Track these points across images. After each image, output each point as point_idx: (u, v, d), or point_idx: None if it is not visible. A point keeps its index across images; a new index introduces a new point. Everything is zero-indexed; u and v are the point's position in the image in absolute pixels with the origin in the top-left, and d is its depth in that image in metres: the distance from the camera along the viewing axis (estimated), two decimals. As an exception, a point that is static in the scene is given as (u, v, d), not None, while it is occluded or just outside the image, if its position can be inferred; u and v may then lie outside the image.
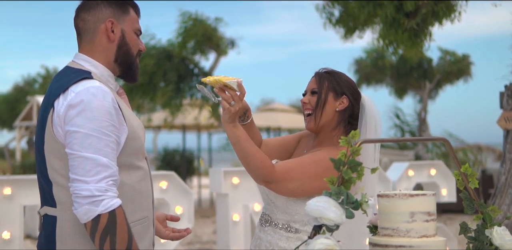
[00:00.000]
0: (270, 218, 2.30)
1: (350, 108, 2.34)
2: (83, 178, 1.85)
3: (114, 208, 1.84)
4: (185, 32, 11.78)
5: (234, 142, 2.16)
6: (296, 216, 2.25)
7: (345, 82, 2.36)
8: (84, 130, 1.87)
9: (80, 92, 1.90)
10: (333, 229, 2.16)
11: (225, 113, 2.14)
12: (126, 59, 2.10)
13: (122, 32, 2.07)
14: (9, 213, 4.05)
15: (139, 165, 2.06)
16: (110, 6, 2.07)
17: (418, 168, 5.77)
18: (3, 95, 25.82)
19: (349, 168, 2.12)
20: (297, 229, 2.25)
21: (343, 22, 7.91)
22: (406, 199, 2.14)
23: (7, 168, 22.39)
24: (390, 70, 16.19)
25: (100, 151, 1.87)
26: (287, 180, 2.17)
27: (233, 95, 2.12)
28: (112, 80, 2.10)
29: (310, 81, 2.39)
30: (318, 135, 2.38)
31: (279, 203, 2.27)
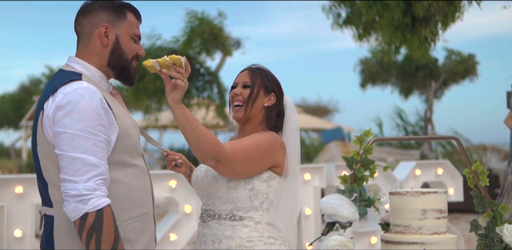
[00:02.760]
0: (213, 211, 2.33)
1: (277, 107, 2.43)
2: (72, 178, 1.88)
3: (102, 207, 1.87)
4: (191, 31, 11.80)
5: (185, 123, 2.13)
6: (238, 203, 2.28)
7: (274, 81, 2.46)
8: (71, 130, 1.90)
9: (68, 94, 1.94)
10: (346, 226, 2.19)
11: (178, 93, 2.10)
12: (119, 63, 2.12)
13: (116, 37, 2.10)
14: (21, 211, 4.08)
15: (133, 162, 2.09)
16: (106, 11, 2.10)
17: (425, 167, 5.78)
18: (9, 95, 25.88)
19: (361, 166, 2.16)
20: (241, 217, 2.28)
21: (350, 22, 7.91)
22: (418, 196, 2.17)
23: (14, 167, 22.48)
24: (395, 70, 16.17)
25: (88, 151, 1.90)
26: (234, 160, 2.21)
27: (183, 73, 2.10)
28: (104, 82, 2.13)
29: (242, 75, 2.46)
30: (244, 128, 2.45)
31: (220, 193, 2.30)
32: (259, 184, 2.27)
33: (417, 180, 5.68)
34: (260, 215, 2.27)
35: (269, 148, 2.27)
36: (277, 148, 2.30)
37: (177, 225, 4.67)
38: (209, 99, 12.37)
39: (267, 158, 2.26)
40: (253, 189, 2.26)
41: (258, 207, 2.27)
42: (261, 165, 2.26)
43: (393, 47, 7.22)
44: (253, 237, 2.24)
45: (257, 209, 2.27)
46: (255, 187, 2.26)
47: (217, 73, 12.54)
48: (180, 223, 4.67)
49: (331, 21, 8.11)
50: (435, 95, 16.88)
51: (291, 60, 77.91)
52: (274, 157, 2.28)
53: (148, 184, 2.17)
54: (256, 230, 2.25)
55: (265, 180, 2.28)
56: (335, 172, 5.16)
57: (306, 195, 5.13)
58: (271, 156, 2.27)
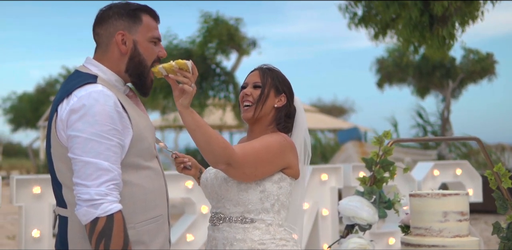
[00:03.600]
0: (223, 214, 2.31)
1: (287, 107, 2.41)
2: (84, 182, 1.88)
3: (112, 212, 1.86)
4: (207, 32, 11.81)
5: (194, 128, 2.09)
6: (249, 205, 2.26)
7: (285, 81, 2.43)
8: (85, 135, 1.89)
9: (82, 97, 1.93)
10: (365, 228, 2.16)
11: (186, 98, 2.07)
12: (137, 70, 2.10)
13: (134, 43, 2.08)
14: (38, 211, 4.10)
15: (147, 165, 2.08)
16: (121, 18, 2.08)
17: (443, 167, 5.72)
18: (27, 96, 26.11)
19: (381, 167, 2.13)
20: (252, 219, 2.26)
21: (367, 22, 7.87)
22: (439, 198, 2.13)
23: (32, 167, 22.69)
24: (412, 69, 16.06)
25: (101, 155, 1.89)
26: (245, 164, 2.18)
27: (190, 78, 2.07)
28: (120, 85, 2.11)
29: (252, 75, 2.44)
30: (253, 129, 2.42)
31: (231, 196, 2.28)
32: (270, 185, 2.24)
33: (435, 180, 5.63)
34: (272, 217, 2.25)
35: (279, 150, 2.24)
36: (287, 149, 2.28)
37: (193, 226, 4.67)
38: (225, 99, 12.37)
39: (278, 160, 2.24)
40: (264, 190, 2.24)
41: (269, 209, 2.24)
42: (272, 167, 2.24)
43: (412, 47, 7.16)
44: (265, 240, 2.21)
45: (268, 211, 2.24)
46: (266, 188, 2.24)
47: (233, 73, 12.54)
48: (196, 224, 4.67)
49: (347, 20, 8.09)
50: (453, 95, 16.74)
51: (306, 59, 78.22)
52: (285, 159, 2.26)
53: (163, 186, 2.16)
54: (267, 232, 2.23)
55: (276, 182, 2.25)
56: (352, 172, 5.13)
57: (323, 196, 5.10)
58: (281, 157, 2.25)
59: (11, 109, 26.77)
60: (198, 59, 11.90)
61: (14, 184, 4.04)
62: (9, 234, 9.07)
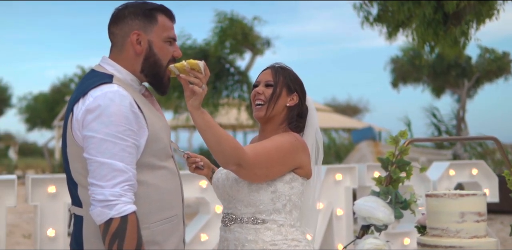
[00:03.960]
0: (235, 215, 2.29)
1: (299, 107, 2.39)
2: (99, 183, 1.87)
3: (126, 213, 1.86)
4: (221, 31, 11.81)
5: (205, 128, 2.08)
6: (261, 206, 2.24)
7: (297, 80, 2.41)
8: (100, 135, 1.89)
9: (98, 97, 1.92)
10: (381, 228, 2.13)
11: (196, 99, 2.05)
12: (153, 70, 2.09)
13: (149, 43, 2.07)
14: (53, 211, 4.12)
15: (162, 165, 2.07)
16: (137, 18, 2.07)
17: (459, 167, 5.68)
18: (42, 96, 26.30)
19: (397, 167, 2.10)
20: (264, 220, 2.24)
21: (381, 20, 7.83)
22: (456, 199, 2.10)
23: (47, 167, 22.85)
24: (427, 68, 15.96)
25: (116, 156, 1.89)
26: (256, 164, 2.16)
27: (201, 78, 2.05)
28: (136, 84, 2.10)
29: (264, 73, 2.42)
30: (265, 128, 2.40)
31: (242, 197, 2.26)
32: (282, 186, 2.22)
33: (451, 180, 5.59)
34: (283, 217, 2.23)
35: (291, 150, 2.22)
36: (299, 150, 2.26)
37: (208, 225, 4.66)
38: (239, 99, 12.36)
39: (290, 160, 2.22)
40: (275, 191, 2.22)
41: (281, 209, 2.22)
42: (283, 167, 2.22)
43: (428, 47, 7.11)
44: (277, 240, 2.19)
45: (280, 212, 2.22)
46: (277, 189, 2.22)
47: (247, 73, 12.53)
48: (211, 223, 4.66)
49: (362, 19, 8.05)
50: (468, 94, 16.60)
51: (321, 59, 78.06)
52: (296, 159, 2.24)
53: (178, 186, 2.15)
54: (279, 233, 2.21)
55: (287, 182, 2.23)
56: (367, 172, 5.10)
57: (338, 196, 5.08)
58: (293, 158, 2.23)
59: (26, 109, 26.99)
60: (212, 59, 11.91)
61: (30, 183, 4.06)
62: (25, 233, 9.14)
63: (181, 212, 2.15)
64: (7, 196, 3.97)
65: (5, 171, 22.60)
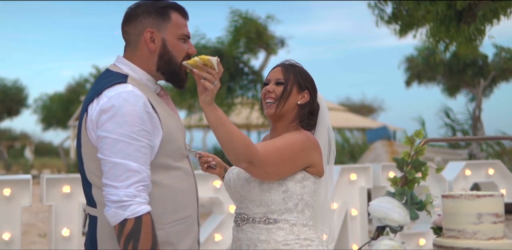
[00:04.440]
0: (247, 215, 2.28)
1: (310, 104, 2.37)
2: (113, 183, 1.87)
3: (141, 214, 1.85)
4: (235, 30, 11.80)
5: (217, 125, 2.07)
6: (272, 206, 2.22)
7: (308, 78, 2.39)
8: (114, 135, 1.88)
9: (112, 97, 1.92)
10: (397, 230, 2.10)
11: (208, 95, 2.04)
12: (168, 67, 2.09)
13: (163, 41, 2.06)
14: (68, 211, 4.14)
15: (177, 165, 2.06)
16: (150, 16, 2.06)
17: (475, 167, 5.61)
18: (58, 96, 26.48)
19: (413, 168, 2.07)
20: (275, 219, 2.22)
21: (396, 19, 7.78)
22: (472, 199, 2.07)
23: (62, 166, 23.00)
24: (442, 67, 15.83)
25: (130, 156, 1.88)
26: (267, 162, 2.14)
27: (214, 74, 2.04)
28: (151, 84, 2.10)
29: (274, 71, 2.39)
30: (276, 126, 2.38)
31: (253, 197, 2.25)
32: (293, 185, 2.21)
33: (467, 180, 5.53)
34: (295, 217, 2.21)
35: (302, 148, 2.21)
36: (310, 148, 2.24)
37: (221, 225, 4.66)
38: (253, 98, 12.35)
39: (301, 158, 2.20)
40: (287, 190, 2.20)
41: (293, 208, 2.21)
42: (294, 166, 2.20)
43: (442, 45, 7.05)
44: (289, 240, 2.18)
45: (292, 211, 2.21)
46: (289, 188, 2.21)
47: (261, 72, 12.52)
48: (224, 223, 4.65)
49: (376, 18, 8.01)
50: (484, 93, 16.46)
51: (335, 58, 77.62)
52: (308, 157, 2.22)
53: (193, 187, 2.14)
54: (291, 232, 2.19)
55: (299, 181, 2.22)
56: (382, 172, 5.06)
57: (352, 196, 5.05)
58: (304, 156, 2.21)
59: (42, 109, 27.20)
60: (226, 58, 11.91)
61: (44, 183, 4.08)
62: (41, 232, 9.20)
63: (196, 213, 2.14)
64: (23, 195, 4.00)
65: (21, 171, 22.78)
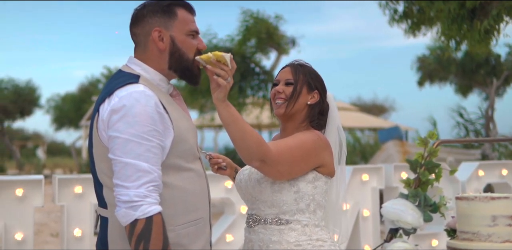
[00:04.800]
0: (258, 216, 2.27)
1: (320, 104, 2.36)
2: (124, 183, 1.86)
3: (152, 214, 1.84)
4: (246, 30, 11.80)
5: (230, 122, 2.05)
6: (284, 206, 2.21)
7: (317, 78, 2.37)
8: (125, 135, 1.88)
9: (123, 97, 1.91)
10: (410, 232, 2.08)
11: (221, 92, 2.03)
12: (180, 65, 2.08)
13: (171, 38, 2.05)
14: (80, 211, 4.14)
15: (189, 166, 2.05)
16: (156, 15, 2.06)
17: (489, 167, 5.56)
18: (70, 96, 26.61)
19: (426, 170, 2.04)
20: (287, 220, 2.21)
21: (407, 18, 7.74)
22: (487, 202, 2.04)
23: (74, 166, 23.12)
24: (455, 67, 15.73)
25: (141, 156, 1.88)
26: (279, 161, 2.12)
27: (227, 71, 2.02)
28: (164, 84, 2.09)
29: (284, 71, 2.38)
30: (286, 127, 2.37)
31: (265, 197, 2.24)
32: (304, 185, 2.20)
33: (480, 181, 5.48)
34: (307, 217, 2.20)
35: (313, 148, 2.19)
36: (321, 147, 2.22)
37: (233, 226, 4.64)
38: (263, 98, 12.34)
39: (312, 158, 2.19)
40: (298, 191, 2.19)
41: (305, 209, 2.20)
42: (306, 165, 2.19)
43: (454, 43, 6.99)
44: (301, 241, 2.17)
45: (304, 212, 2.20)
46: (300, 189, 2.19)
47: (272, 72, 12.50)
48: (236, 224, 4.64)
49: (388, 17, 7.97)
50: (497, 93, 16.33)
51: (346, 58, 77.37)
52: (319, 157, 2.21)
53: (205, 188, 2.13)
54: (303, 233, 2.18)
55: (310, 181, 2.20)
56: (394, 172, 5.03)
57: (364, 196, 5.02)
58: (315, 156, 2.20)
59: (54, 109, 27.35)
60: (237, 58, 11.90)
61: (56, 183, 4.09)
62: (53, 232, 9.24)
63: (208, 215, 2.12)
64: (35, 196, 4.01)
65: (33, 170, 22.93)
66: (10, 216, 3.94)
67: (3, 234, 3.91)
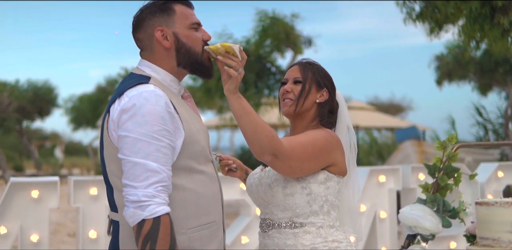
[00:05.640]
0: (272, 220, 2.23)
1: (330, 103, 2.33)
2: (133, 183, 1.84)
3: (160, 215, 1.82)
4: (262, 30, 11.76)
5: (241, 114, 2.02)
6: (297, 210, 2.18)
7: (326, 76, 2.35)
8: (134, 135, 1.86)
9: (133, 97, 1.90)
10: (428, 238, 2.03)
11: (232, 83, 2.00)
12: (189, 59, 2.06)
13: (174, 35, 2.04)
14: (95, 212, 4.15)
15: (201, 169, 2.02)
16: (154, 16, 2.05)
17: (508, 168, 5.47)
18: (87, 96, 26.78)
19: (445, 174, 1.98)
20: (301, 223, 2.18)
21: (425, 17, 7.65)
22: (508, 207, 1.99)
23: (91, 166, 23.25)
24: (473, 66, 15.55)
25: (150, 156, 1.85)
26: (292, 156, 2.08)
27: (238, 62, 2.00)
28: (175, 85, 2.08)
29: (292, 70, 2.35)
30: (295, 126, 2.34)
31: (277, 201, 2.20)
32: (317, 187, 2.16)
33: (499, 182, 5.39)
34: (322, 219, 2.17)
35: (325, 145, 2.16)
36: (333, 145, 2.19)
37: (248, 228, 4.62)
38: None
39: (324, 155, 2.16)
40: (310, 193, 2.16)
41: (318, 211, 2.16)
42: (318, 162, 2.15)
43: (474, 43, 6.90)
44: (317, 243, 2.14)
45: (318, 213, 2.17)
46: (312, 191, 2.16)
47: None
48: (251, 226, 4.62)
49: (404, 16, 7.89)
50: (517, 91, 16.10)
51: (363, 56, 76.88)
52: (330, 155, 2.18)
53: (217, 192, 2.10)
54: (319, 235, 2.15)
55: (322, 182, 2.17)
56: (411, 173, 4.97)
57: (381, 198, 4.97)
58: (327, 153, 2.17)
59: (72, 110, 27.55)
60: (253, 58, 11.87)
61: (72, 185, 4.09)
62: (70, 232, 9.28)
63: (221, 218, 2.10)
64: (50, 197, 4.02)
65: (51, 170, 23.10)
66: (26, 218, 3.96)
67: (19, 235, 3.93)
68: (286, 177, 2.18)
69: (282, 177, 2.19)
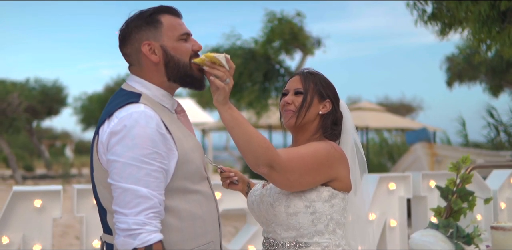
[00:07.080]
0: (275, 240, 2.15)
1: (333, 114, 2.24)
2: (123, 210, 1.77)
3: (151, 243, 1.75)
4: (270, 31, 11.68)
5: (233, 126, 1.94)
6: (301, 229, 2.09)
7: (329, 86, 2.25)
8: (123, 159, 1.79)
9: (122, 118, 1.83)
10: (441, 265, 1.95)
11: (220, 94, 1.93)
12: (178, 72, 1.98)
13: (162, 48, 1.96)
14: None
15: (195, 188, 1.95)
16: (141, 29, 1.97)
17: (522, 175, 5.35)
18: (96, 96, 26.84)
19: (458, 197, 1.88)
20: (306, 243, 2.09)
21: (436, 19, 7.54)
22: (525, 232, 1.90)
23: (100, 166, 23.23)
24: (484, 67, 15.38)
25: (140, 181, 1.78)
26: (289, 168, 1.99)
27: (225, 72, 1.93)
28: (167, 99, 2.00)
29: (293, 81, 2.26)
30: (298, 138, 2.25)
31: (280, 220, 2.11)
32: (321, 205, 2.06)
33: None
34: (327, 238, 2.08)
35: (327, 158, 2.06)
36: (336, 159, 2.08)
37: (255, 236, 4.55)
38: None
39: (325, 168, 2.05)
40: (315, 212, 2.06)
41: (323, 230, 2.07)
42: (318, 176, 2.04)
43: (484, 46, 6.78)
44: None
45: (323, 233, 2.07)
46: (316, 209, 2.06)
47: (296, 73, 12.38)
48: (258, 234, 4.54)
49: (415, 17, 7.79)
50: (528, 92, 15.94)
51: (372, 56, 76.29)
52: (333, 169, 2.07)
53: (214, 211, 2.03)
54: None
55: (326, 200, 2.07)
56: (422, 181, 4.87)
57: (391, 206, 4.86)
58: (328, 167, 2.06)
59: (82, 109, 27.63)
60: (261, 59, 11.79)
61: (75, 194, 4.03)
62: (78, 234, 9.26)
63: (218, 237, 2.03)
64: (53, 207, 3.96)
65: (61, 169, 23.14)
66: (28, 227, 3.90)
67: (22, 245, 3.86)
68: (288, 195, 2.08)
69: (285, 196, 2.09)
